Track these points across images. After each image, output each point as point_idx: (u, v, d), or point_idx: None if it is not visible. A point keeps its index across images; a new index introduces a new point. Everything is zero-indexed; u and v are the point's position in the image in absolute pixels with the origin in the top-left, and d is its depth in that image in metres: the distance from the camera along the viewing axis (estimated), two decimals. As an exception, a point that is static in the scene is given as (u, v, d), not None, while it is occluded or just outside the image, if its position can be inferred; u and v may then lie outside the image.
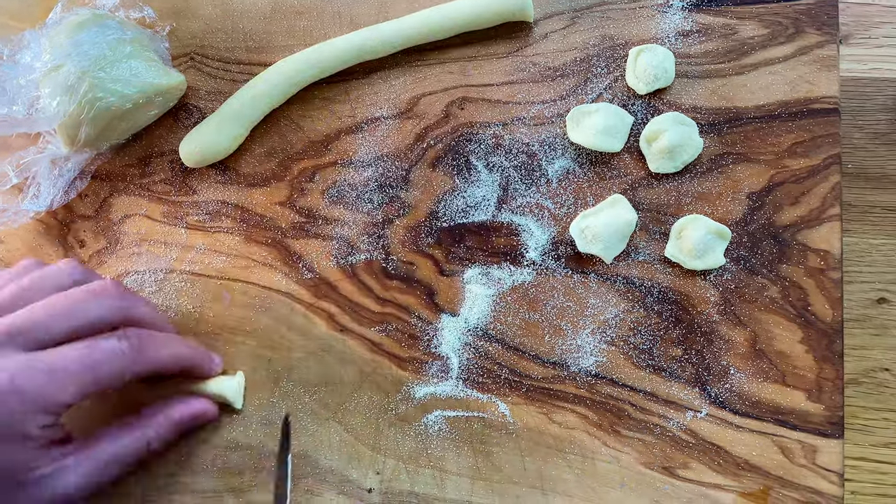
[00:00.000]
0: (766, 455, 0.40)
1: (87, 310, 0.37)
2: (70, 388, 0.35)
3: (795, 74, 0.43)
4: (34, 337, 0.35)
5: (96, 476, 0.37)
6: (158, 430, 0.39)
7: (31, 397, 0.34)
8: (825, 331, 0.41)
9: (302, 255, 0.45)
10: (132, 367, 0.37)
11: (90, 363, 0.35)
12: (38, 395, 0.34)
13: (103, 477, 0.37)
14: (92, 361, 0.35)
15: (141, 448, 0.38)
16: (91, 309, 0.37)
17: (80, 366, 0.35)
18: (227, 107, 0.45)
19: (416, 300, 0.43)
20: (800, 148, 0.42)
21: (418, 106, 0.45)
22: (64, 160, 0.45)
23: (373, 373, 0.43)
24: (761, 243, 0.42)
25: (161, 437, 0.39)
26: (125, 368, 0.36)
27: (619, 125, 0.43)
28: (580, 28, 0.45)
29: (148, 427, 0.39)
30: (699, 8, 0.44)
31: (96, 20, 0.43)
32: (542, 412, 0.41)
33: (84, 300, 0.37)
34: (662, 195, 0.43)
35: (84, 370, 0.35)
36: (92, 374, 0.35)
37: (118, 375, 0.36)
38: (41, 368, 0.34)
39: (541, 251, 0.43)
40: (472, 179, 0.44)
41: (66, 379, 0.34)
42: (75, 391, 0.35)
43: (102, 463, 0.37)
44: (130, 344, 0.37)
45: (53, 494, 0.35)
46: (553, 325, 0.42)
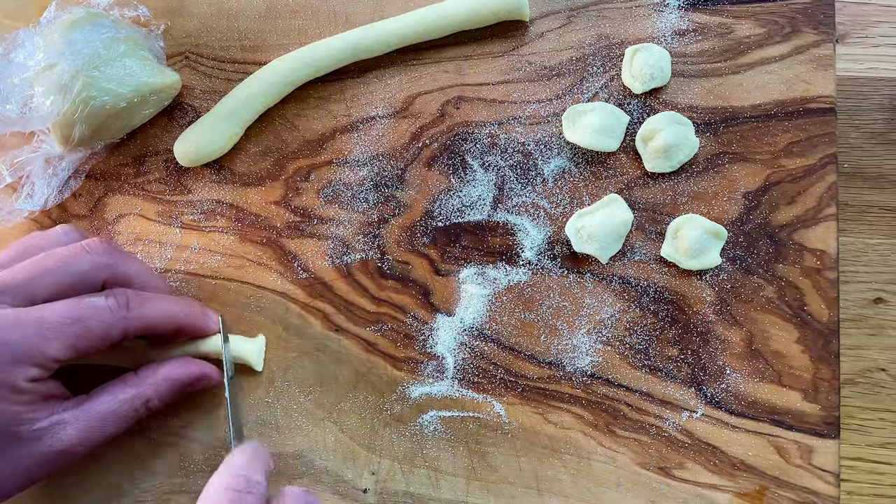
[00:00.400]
0: (762, 455, 0.40)
1: (74, 264, 0.37)
2: (56, 341, 0.35)
3: (792, 74, 0.43)
4: (23, 293, 0.36)
5: (95, 430, 0.37)
6: (157, 388, 0.39)
7: (18, 349, 0.34)
8: (821, 331, 0.41)
9: (297, 254, 0.44)
10: (119, 322, 0.37)
11: (75, 316, 0.35)
12: (24, 346, 0.34)
13: (102, 431, 0.37)
14: (76, 314, 0.36)
15: (140, 404, 0.38)
16: (78, 264, 0.37)
17: (66, 318, 0.35)
18: (222, 106, 0.45)
19: (411, 300, 0.43)
20: (796, 147, 0.42)
21: (414, 105, 0.45)
22: (58, 159, 0.45)
23: (368, 373, 0.43)
24: (757, 243, 0.42)
25: (160, 395, 0.39)
26: (111, 324, 0.36)
27: (615, 124, 0.43)
28: (576, 27, 0.45)
29: (147, 385, 0.39)
30: (695, 7, 0.44)
31: (90, 19, 0.43)
32: (538, 412, 0.41)
33: (71, 256, 0.37)
34: (658, 195, 0.43)
35: (69, 323, 0.35)
36: (76, 327, 0.35)
37: (104, 331, 0.36)
38: (28, 321, 0.35)
39: (536, 251, 0.43)
40: (467, 179, 0.44)
41: (52, 331, 0.35)
42: (62, 344, 0.35)
43: (101, 417, 0.37)
44: (117, 300, 0.37)
45: (52, 448, 0.35)
46: (549, 324, 0.42)
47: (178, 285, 0.45)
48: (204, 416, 0.43)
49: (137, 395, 0.38)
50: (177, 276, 0.45)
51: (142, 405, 0.38)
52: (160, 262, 0.45)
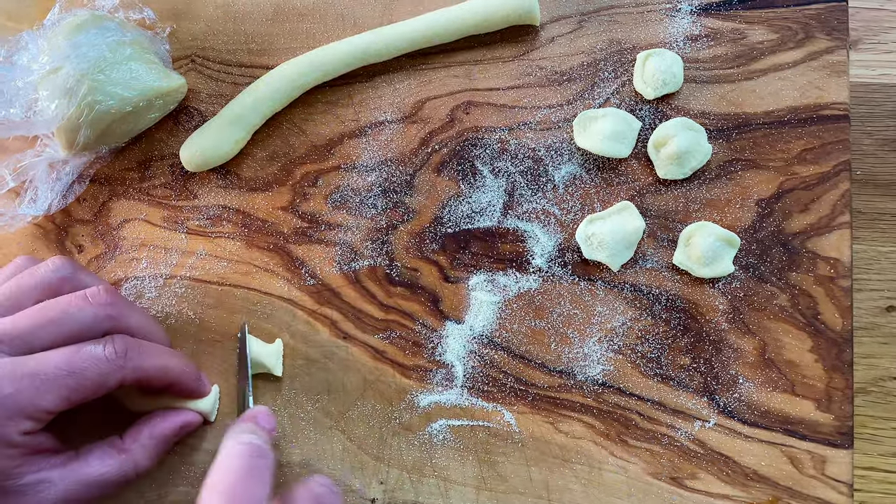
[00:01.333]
0: (774, 465, 0.39)
1: (76, 316, 0.36)
2: (51, 394, 0.34)
3: (805, 80, 0.42)
4: (21, 342, 0.35)
5: (81, 493, 0.36)
6: (146, 450, 0.39)
7: (11, 402, 0.33)
8: (835, 340, 0.40)
9: (304, 260, 0.44)
10: (116, 373, 0.36)
11: (72, 368, 0.35)
12: (18, 400, 0.34)
13: (88, 495, 0.36)
14: (74, 366, 0.35)
15: (129, 469, 0.38)
16: (80, 317, 0.36)
17: (62, 371, 0.34)
18: (229, 110, 0.44)
19: (420, 307, 0.43)
20: (809, 154, 0.42)
21: (423, 110, 0.45)
22: (62, 164, 0.44)
23: (376, 381, 0.42)
24: (770, 251, 0.41)
25: (150, 455, 0.39)
26: (108, 375, 0.36)
27: (627, 130, 0.42)
28: (587, 32, 0.44)
29: (135, 449, 0.38)
30: (708, 12, 0.44)
31: (95, 21, 0.43)
32: (549, 421, 0.41)
33: (73, 307, 0.37)
34: (670, 202, 0.42)
35: (66, 375, 0.34)
36: (73, 379, 0.35)
37: (100, 382, 0.35)
38: (23, 373, 0.34)
39: (547, 258, 0.43)
40: (477, 185, 0.44)
41: (48, 384, 0.34)
42: (57, 396, 0.34)
43: (88, 482, 0.36)
44: (115, 350, 0.36)
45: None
46: (559, 332, 0.42)
47: (183, 291, 0.44)
48: (211, 426, 0.42)
49: (125, 460, 0.38)
50: (182, 283, 0.44)
51: (131, 470, 0.38)
52: (165, 267, 0.44)
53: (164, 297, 0.44)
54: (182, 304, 0.44)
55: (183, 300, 0.44)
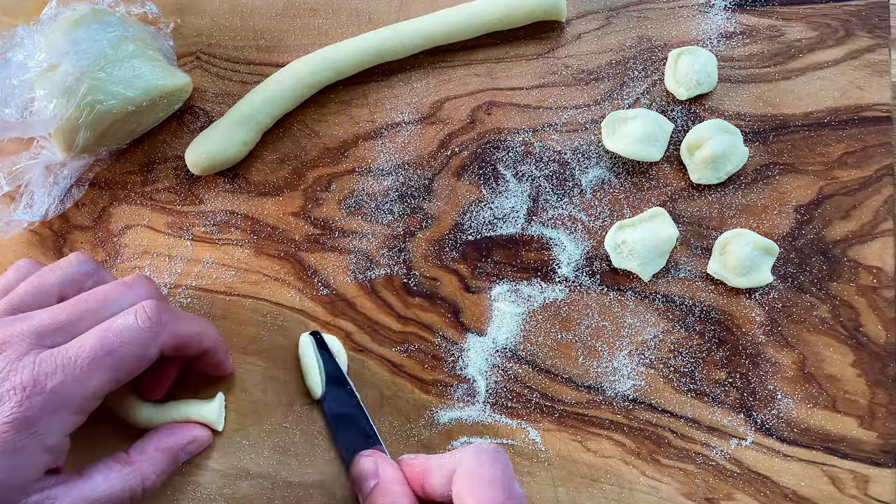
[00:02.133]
0: (815, 486, 0.38)
1: (117, 304, 0.35)
2: (93, 376, 0.33)
3: (845, 80, 0.40)
4: (61, 336, 0.34)
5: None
6: (153, 464, 0.37)
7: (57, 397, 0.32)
8: (878, 353, 0.39)
9: (317, 269, 0.42)
10: (154, 340, 0.35)
11: (108, 345, 0.33)
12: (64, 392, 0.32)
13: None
14: (110, 343, 0.33)
15: (135, 485, 0.36)
16: (121, 303, 0.35)
17: (98, 351, 0.33)
18: (237, 110, 0.42)
19: (439, 318, 0.41)
20: (850, 158, 0.40)
21: (442, 110, 0.43)
22: (59, 166, 0.42)
23: (394, 396, 0.40)
24: (810, 259, 0.40)
25: (158, 471, 0.37)
26: (147, 343, 0.34)
27: (659, 132, 0.40)
28: (616, 28, 0.42)
29: (141, 462, 0.37)
30: (743, 8, 0.42)
31: (96, 16, 0.41)
32: (576, 439, 0.39)
33: (114, 294, 0.36)
34: (704, 208, 0.41)
35: (104, 355, 0.33)
36: (112, 357, 0.33)
37: (141, 352, 0.34)
38: (61, 363, 0.32)
39: (574, 267, 0.41)
40: (499, 189, 0.42)
41: (89, 366, 0.33)
42: (99, 379, 0.33)
43: (92, 498, 0.34)
44: (149, 315, 0.35)
45: None
46: (587, 345, 0.40)
47: (188, 301, 0.42)
48: (219, 442, 0.41)
49: (131, 474, 0.36)
50: (188, 292, 0.42)
51: (138, 486, 0.36)
52: (170, 276, 0.43)
53: (169, 307, 0.42)
54: (188, 315, 0.42)
55: (189, 311, 0.42)
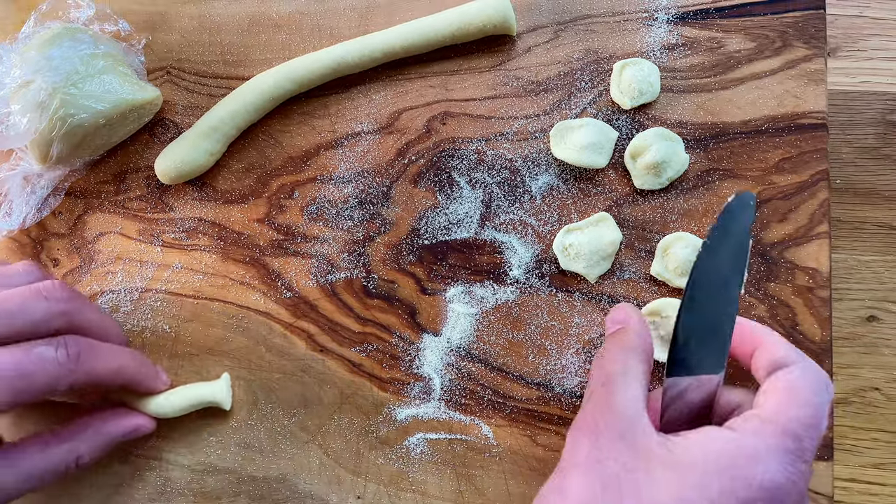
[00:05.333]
0: (754, 478, 0.39)
1: (28, 310, 0.35)
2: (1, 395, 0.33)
3: (782, 89, 0.42)
4: None
5: (22, 484, 0.36)
6: (90, 444, 0.38)
7: None
8: (814, 350, 0.40)
9: (280, 273, 0.44)
10: (67, 377, 0.35)
11: (22, 370, 0.34)
12: None
13: (28, 486, 0.36)
14: (24, 368, 0.34)
15: (70, 462, 0.37)
16: (32, 310, 0.35)
17: (10, 371, 0.34)
18: (204, 122, 0.44)
19: (397, 320, 0.42)
20: (787, 164, 0.41)
21: (399, 121, 0.44)
22: (37, 177, 0.44)
23: (353, 394, 0.42)
24: (748, 262, 0.41)
25: (92, 452, 0.38)
26: (59, 378, 0.35)
27: (604, 141, 0.42)
28: (564, 42, 0.44)
29: (79, 441, 0.38)
30: (684, 21, 0.43)
31: (68, 34, 0.42)
32: (527, 434, 0.41)
33: (28, 299, 0.36)
34: (648, 212, 0.42)
35: (14, 376, 0.34)
36: (23, 381, 0.34)
37: (50, 384, 0.35)
38: None
39: (524, 269, 0.42)
40: (454, 196, 0.43)
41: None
42: (6, 398, 0.34)
43: (27, 473, 0.36)
44: (68, 353, 0.35)
45: None
46: (537, 344, 0.41)
47: (159, 305, 0.44)
48: (188, 439, 0.42)
49: (69, 451, 0.37)
50: (158, 296, 0.44)
51: (72, 462, 0.37)
52: (141, 281, 0.44)
53: (140, 310, 0.44)
54: (158, 317, 0.44)
55: (159, 314, 0.44)
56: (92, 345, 0.37)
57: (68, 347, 0.36)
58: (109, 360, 0.38)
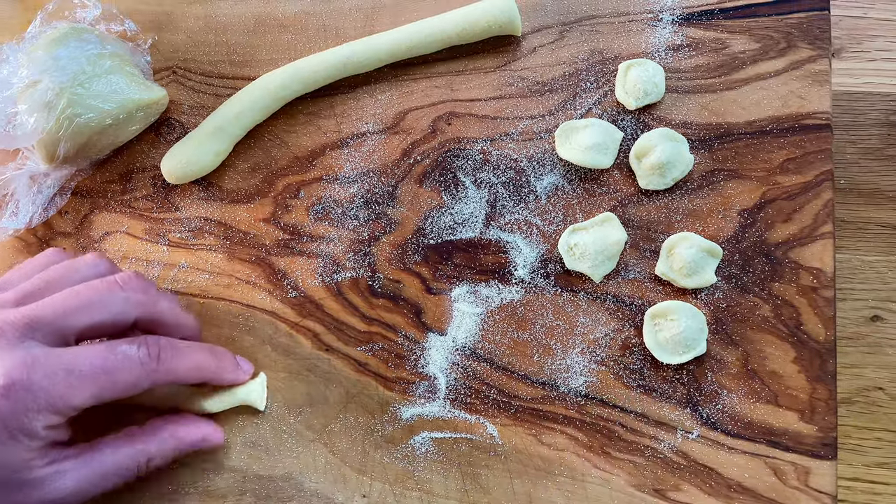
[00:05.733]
0: (758, 477, 0.39)
1: (108, 301, 0.36)
2: (83, 391, 0.34)
3: (787, 90, 0.42)
4: (54, 329, 0.35)
5: (92, 484, 0.36)
6: (162, 446, 0.38)
7: (43, 395, 0.33)
8: (818, 350, 0.40)
9: (286, 272, 0.44)
10: (149, 376, 0.36)
11: (107, 367, 0.34)
12: (51, 394, 0.33)
13: (99, 486, 0.36)
14: (109, 366, 0.35)
15: (141, 463, 0.38)
16: (112, 301, 0.36)
17: (97, 369, 0.34)
18: (210, 122, 0.44)
19: (402, 319, 0.43)
20: (791, 164, 0.42)
21: (405, 121, 0.44)
22: (43, 176, 0.44)
23: (359, 393, 0.42)
24: (753, 261, 0.41)
25: (163, 455, 0.38)
26: (142, 377, 0.36)
27: (609, 141, 0.42)
28: (569, 42, 0.44)
29: (151, 442, 0.38)
30: (689, 22, 0.43)
31: (75, 34, 0.42)
32: (531, 433, 0.41)
33: (105, 291, 0.36)
34: (652, 212, 0.42)
35: (100, 374, 0.34)
36: (107, 378, 0.34)
37: (133, 383, 0.35)
38: (57, 367, 0.33)
39: (529, 269, 0.42)
40: (459, 196, 0.43)
41: (81, 381, 0.34)
42: (88, 395, 0.34)
43: (100, 472, 0.36)
44: (150, 352, 0.36)
45: (47, 497, 0.34)
46: (542, 344, 0.42)
47: (165, 304, 0.44)
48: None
49: (141, 451, 0.37)
50: (164, 295, 0.44)
51: (144, 463, 0.37)
52: (147, 280, 0.44)
53: (146, 310, 0.44)
54: (164, 316, 0.44)
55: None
56: (172, 344, 0.37)
57: (149, 347, 0.36)
58: (188, 359, 0.38)
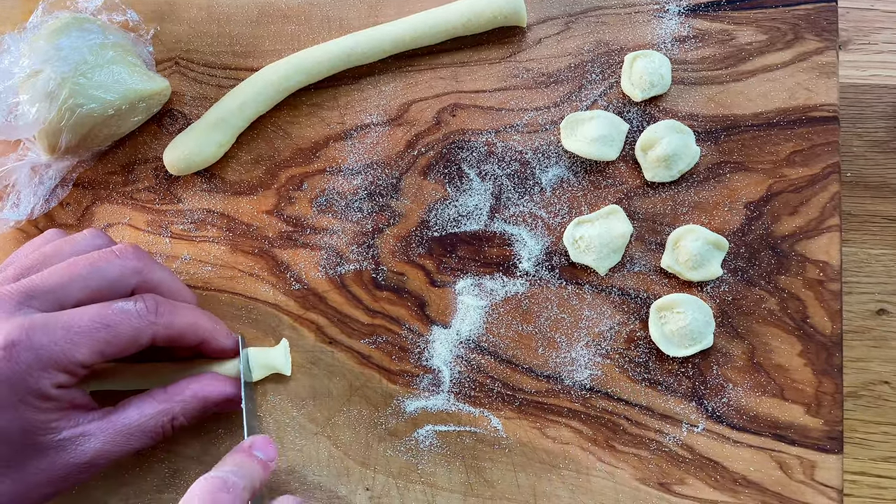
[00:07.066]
0: (763, 471, 0.39)
1: (104, 270, 0.37)
2: (85, 346, 0.34)
3: (794, 81, 0.42)
4: (52, 298, 0.35)
5: (120, 444, 0.36)
6: (185, 405, 0.38)
7: (45, 353, 0.34)
8: (824, 343, 0.40)
9: (289, 265, 0.44)
10: (148, 328, 0.36)
11: (104, 321, 0.35)
12: (53, 351, 0.34)
13: (127, 446, 0.37)
14: (106, 319, 0.35)
15: (166, 421, 0.38)
16: (109, 269, 0.37)
17: (95, 323, 0.35)
18: (213, 113, 0.44)
19: (406, 311, 0.42)
20: (798, 157, 0.41)
21: (409, 112, 0.44)
22: (45, 167, 0.44)
23: (362, 386, 0.42)
24: (759, 254, 0.41)
25: (187, 413, 0.38)
26: (140, 329, 0.36)
27: (615, 133, 0.42)
28: (574, 33, 0.44)
29: (175, 402, 0.38)
30: (696, 13, 0.43)
31: (77, 24, 0.42)
32: (536, 427, 0.41)
33: (102, 261, 0.37)
34: (658, 205, 0.42)
35: (99, 328, 0.35)
36: (106, 332, 0.35)
37: (133, 336, 0.36)
38: (56, 325, 0.34)
39: (534, 262, 0.42)
40: (463, 188, 0.43)
41: (81, 336, 0.34)
42: (90, 349, 0.35)
43: (126, 432, 0.36)
44: (146, 306, 0.37)
45: (73, 460, 0.35)
46: (547, 337, 0.41)
47: (167, 296, 0.44)
48: (197, 431, 0.42)
49: (164, 411, 0.37)
50: (167, 287, 0.44)
51: (168, 422, 0.38)
52: (149, 272, 0.44)
53: (148, 302, 0.44)
54: (166, 309, 0.44)
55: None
56: (168, 300, 0.38)
57: (146, 301, 0.37)
58: (185, 315, 0.38)
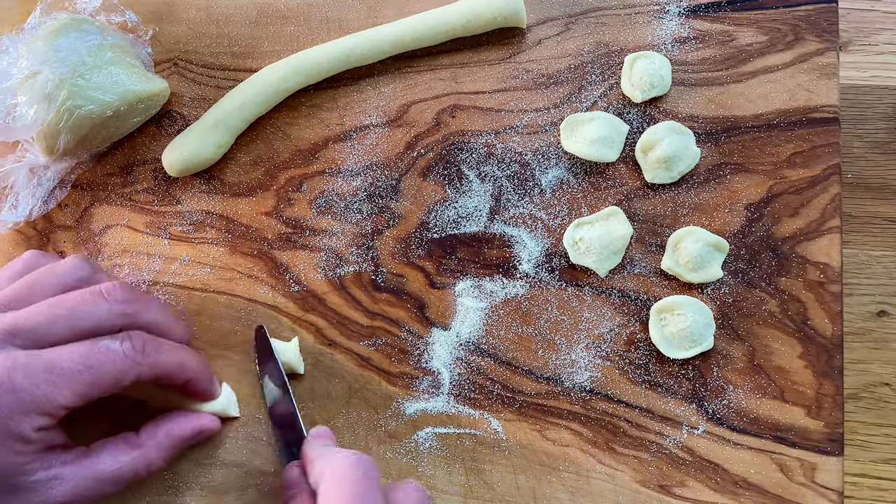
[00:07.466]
0: (764, 473, 0.39)
1: (91, 313, 0.36)
2: (67, 389, 0.34)
3: (794, 83, 0.42)
4: (35, 337, 0.34)
5: (92, 490, 0.36)
6: (160, 449, 0.38)
7: (27, 396, 0.33)
8: (825, 345, 0.40)
9: (288, 266, 0.43)
10: (132, 369, 0.35)
11: (88, 363, 0.34)
12: (34, 394, 0.33)
13: (98, 492, 0.36)
14: (90, 361, 0.34)
15: (142, 467, 0.37)
16: (96, 312, 0.36)
17: (78, 365, 0.34)
18: (212, 114, 0.44)
19: (406, 313, 0.42)
20: (799, 158, 0.41)
21: (408, 114, 0.44)
22: (43, 169, 0.44)
23: (362, 388, 0.42)
24: (760, 256, 0.41)
25: (163, 457, 0.38)
26: (125, 371, 0.35)
27: (615, 134, 0.42)
28: (574, 34, 0.44)
29: (150, 447, 0.38)
30: (696, 14, 0.43)
31: (75, 25, 0.42)
32: (536, 429, 0.41)
33: (89, 303, 0.36)
34: (658, 206, 0.42)
35: (82, 370, 0.34)
36: (90, 374, 0.34)
37: (117, 378, 0.35)
38: (38, 367, 0.33)
39: (534, 263, 0.42)
40: (463, 189, 0.43)
41: (64, 378, 0.33)
42: (72, 392, 0.34)
43: (99, 479, 0.36)
44: (133, 346, 0.36)
45: (46, 502, 0.34)
46: (547, 339, 0.41)
47: (166, 298, 0.44)
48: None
49: (139, 457, 0.37)
50: (165, 289, 0.44)
51: (144, 468, 0.37)
52: (148, 274, 0.44)
53: (147, 303, 0.44)
54: (165, 311, 0.43)
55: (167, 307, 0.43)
56: (155, 339, 0.37)
57: (133, 340, 0.36)
58: (173, 355, 0.38)
